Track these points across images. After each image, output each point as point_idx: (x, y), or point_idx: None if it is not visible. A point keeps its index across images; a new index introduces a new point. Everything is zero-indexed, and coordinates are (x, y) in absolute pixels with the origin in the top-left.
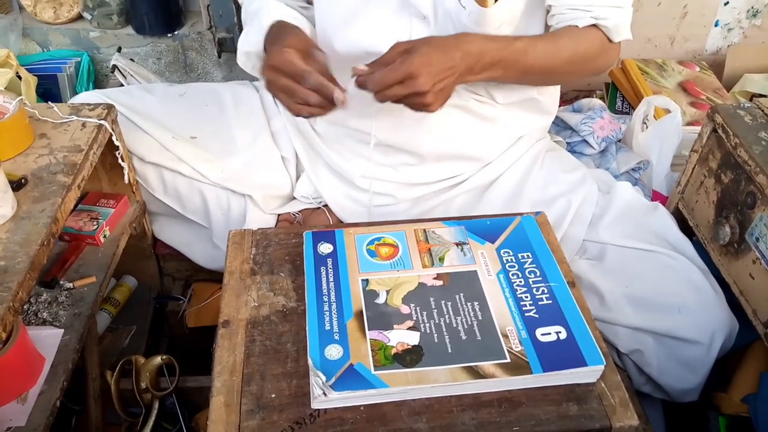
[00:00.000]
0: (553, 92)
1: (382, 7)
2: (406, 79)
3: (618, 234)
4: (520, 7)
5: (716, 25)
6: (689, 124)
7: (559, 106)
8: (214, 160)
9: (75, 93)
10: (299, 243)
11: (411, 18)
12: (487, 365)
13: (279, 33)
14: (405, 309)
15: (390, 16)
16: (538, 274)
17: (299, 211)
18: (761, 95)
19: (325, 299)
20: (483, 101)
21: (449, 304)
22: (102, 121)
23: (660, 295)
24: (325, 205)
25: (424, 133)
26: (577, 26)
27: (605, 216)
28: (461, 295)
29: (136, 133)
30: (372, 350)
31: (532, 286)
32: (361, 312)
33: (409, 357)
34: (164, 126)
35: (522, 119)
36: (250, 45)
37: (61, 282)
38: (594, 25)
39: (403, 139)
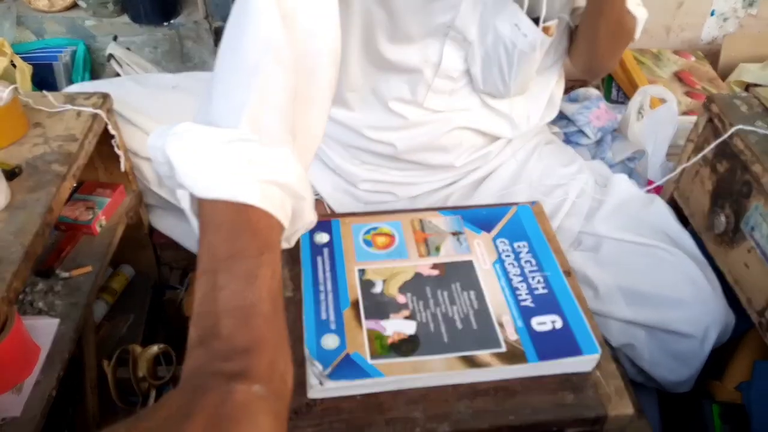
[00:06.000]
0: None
1: (413, 24)
2: None
3: (614, 227)
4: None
5: (712, 14)
6: (685, 113)
7: None
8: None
9: (71, 82)
10: None
11: (444, 39)
12: (483, 354)
13: None
14: (401, 298)
15: (421, 34)
16: (533, 263)
17: None
18: (757, 85)
19: (322, 289)
20: (502, 123)
21: (445, 293)
22: (97, 110)
23: (655, 288)
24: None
25: (436, 150)
26: None
27: (601, 208)
28: (457, 284)
29: (129, 127)
30: (368, 340)
31: (528, 275)
32: (358, 302)
33: (406, 346)
34: (156, 120)
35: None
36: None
37: (57, 271)
38: None
39: (416, 156)
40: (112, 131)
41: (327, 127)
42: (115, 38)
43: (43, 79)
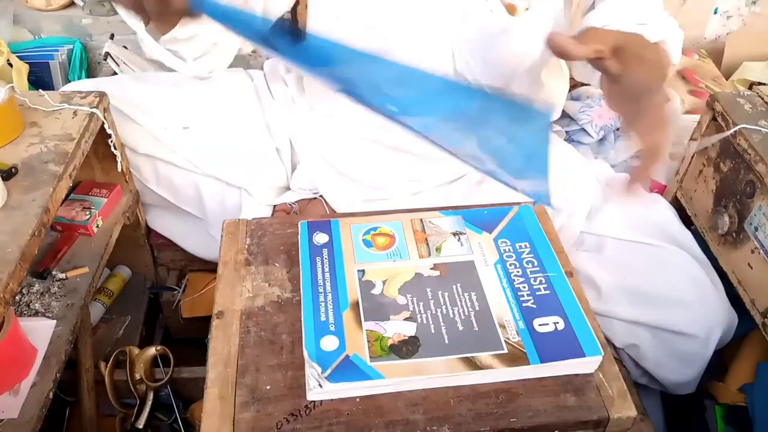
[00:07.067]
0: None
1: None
2: None
3: (617, 227)
4: (548, 27)
5: (715, 12)
6: (688, 112)
7: None
8: (207, 150)
9: (67, 81)
10: (294, 233)
11: (431, 19)
12: (484, 356)
13: None
14: (401, 299)
15: (406, 14)
16: (535, 264)
17: (296, 202)
18: (760, 83)
19: (321, 290)
20: None
21: (446, 294)
22: (94, 109)
23: (658, 288)
24: (322, 196)
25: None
26: None
27: (604, 208)
28: (458, 285)
29: (128, 124)
30: (368, 341)
31: (530, 276)
32: (357, 303)
33: (406, 348)
34: (156, 116)
35: None
36: None
37: (54, 272)
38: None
39: (420, 149)
40: (109, 130)
41: (326, 123)
42: (111, 36)
43: (40, 78)
